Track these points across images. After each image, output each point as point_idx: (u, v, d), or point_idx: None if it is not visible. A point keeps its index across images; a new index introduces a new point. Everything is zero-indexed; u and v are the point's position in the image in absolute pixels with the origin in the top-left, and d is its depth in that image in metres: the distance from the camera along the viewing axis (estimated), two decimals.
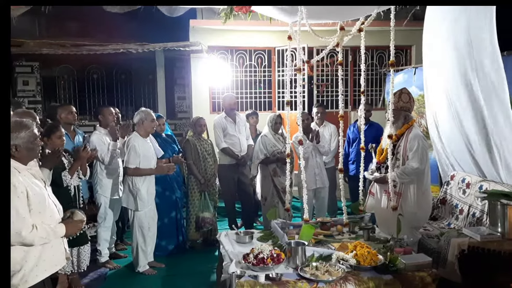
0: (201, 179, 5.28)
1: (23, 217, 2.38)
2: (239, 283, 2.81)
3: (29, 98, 9.05)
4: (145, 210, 4.62)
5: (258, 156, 5.32)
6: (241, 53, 8.28)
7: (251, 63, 8.32)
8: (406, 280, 2.92)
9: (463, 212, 4.45)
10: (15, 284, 2.45)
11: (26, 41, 8.21)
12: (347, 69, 8.33)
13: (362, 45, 4.17)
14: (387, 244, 3.36)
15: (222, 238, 3.76)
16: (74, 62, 9.28)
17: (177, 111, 9.99)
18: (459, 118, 4.42)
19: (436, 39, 4.68)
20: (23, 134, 2.50)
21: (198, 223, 5.24)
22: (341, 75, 4.39)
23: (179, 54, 8.36)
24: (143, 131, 4.65)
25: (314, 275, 2.89)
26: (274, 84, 8.29)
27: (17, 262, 2.44)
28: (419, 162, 3.82)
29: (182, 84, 9.94)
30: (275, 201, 5.28)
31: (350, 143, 6.05)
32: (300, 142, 4.04)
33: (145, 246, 4.68)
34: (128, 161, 4.52)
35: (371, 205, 4.25)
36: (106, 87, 9.60)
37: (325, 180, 5.49)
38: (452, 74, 4.37)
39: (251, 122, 6.16)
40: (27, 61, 8.93)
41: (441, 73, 4.62)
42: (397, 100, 3.96)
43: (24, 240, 2.39)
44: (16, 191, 2.38)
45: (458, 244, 3.58)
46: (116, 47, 7.85)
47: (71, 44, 8.12)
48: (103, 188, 4.80)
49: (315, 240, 3.59)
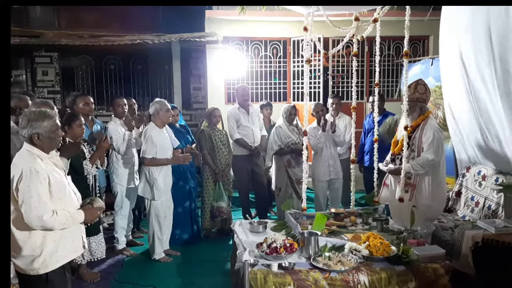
0: (215, 169, 5.33)
1: (45, 202, 2.47)
2: (252, 272, 2.86)
3: (48, 88, 9.23)
4: (162, 200, 4.69)
5: (272, 147, 5.34)
6: (256, 44, 8.27)
7: (267, 54, 8.31)
8: (419, 271, 2.93)
9: (479, 204, 4.41)
10: (36, 268, 2.55)
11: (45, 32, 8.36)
12: (363, 60, 8.26)
13: (377, 36, 4.15)
14: (400, 235, 3.37)
15: (236, 228, 3.81)
16: (92, 53, 9.42)
17: (192, 102, 10.05)
18: (477, 110, 4.36)
19: (454, 29, 4.62)
20: (46, 124, 2.57)
21: (212, 212, 5.31)
22: (355, 67, 4.38)
23: (195, 44, 8.40)
24: (159, 121, 4.71)
25: (327, 265, 2.93)
26: (289, 74, 8.28)
27: (38, 247, 2.54)
28: (434, 154, 3.79)
29: (198, 75, 9.99)
30: (289, 192, 5.31)
31: (366, 134, 6.02)
32: (305, 133, 4.08)
33: (161, 234, 4.77)
34: (145, 151, 4.59)
35: (385, 197, 4.25)
36: (123, 78, 9.70)
37: (339, 171, 5.49)
38: (470, 65, 4.31)
39: (265, 114, 6.17)
40: (46, 51, 9.09)
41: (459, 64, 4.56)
42: (413, 91, 3.93)
43: (45, 225, 2.48)
44: (39, 176, 2.47)
45: (472, 236, 3.57)
46: (132, 37, 7.92)
47: (89, 35, 8.22)
48: (119, 177, 4.89)
49: (328, 231, 3.61)
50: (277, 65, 8.35)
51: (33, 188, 2.44)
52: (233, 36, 8.08)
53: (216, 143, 5.38)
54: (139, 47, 8.38)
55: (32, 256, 2.53)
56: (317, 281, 2.81)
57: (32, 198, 2.43)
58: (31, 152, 2.56)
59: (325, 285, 2.81)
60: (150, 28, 8.60)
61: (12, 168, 2.51)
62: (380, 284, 2.86)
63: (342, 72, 8.23)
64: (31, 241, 2.53)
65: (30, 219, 2.44)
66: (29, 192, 2.43)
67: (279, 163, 5.40)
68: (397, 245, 3.14)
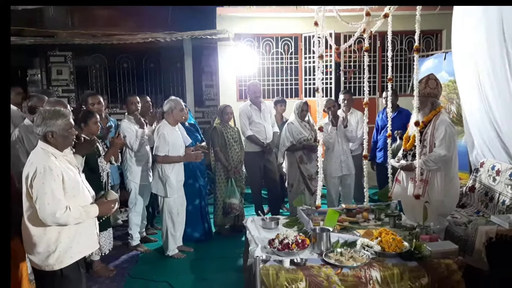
0: (227, 166, 5.36)
1: (58, 199, 2.51)
2: (264, 268, 2.88)
3: (63, 87, 9.34)
4: (174, 197, 4.74)
5: (284, 143, 5.35)
6: (267, 40, 8.26)
7: (278, 50, 8.29)
8: (432, 267, 2.92)
9: (493, 200, 4.37)
10: (51, 264, 2.60)
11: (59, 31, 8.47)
12: (375, 55, 8.20)
13: (389, 31, 4.12)
14: (413, 231, 3.35)
15: (248, 224, 3.84)
16: (105, 52, 9.50)
17: (204, 99, 10.09)
18: (490, 104, 4.32)
19: (466, 23, 4.56)
20: (60, 122, 2.62)
21: (225, 209, 5.34)
22: (367, 62, 4.36)
23: (206, 42, 8.41)
24: (172, 119, 4.76)
25: (339, 261, 2.93)
26: (300, 71, 8.25)
27: (52, 243, 2.59)
28: (446, 150, 3.76)
29: (210, 72, 10.02)
30: (301, 188, 5.32)
31: (379, 130, 5.98)
32: (320, 129, 4.06)
33: (174, 231, 4.82)
34: (157, 149, 4.64)
35: (397, 193, 4.22)
36: (136, 76, 9.78)
37: (351, 167, 5.47)
38: (482, 59, 4.26)
39: (278, 110, 6.17)
40: (60, 51, 9.20)
41: (472, 58, 4.51)
42: (424, 86, 3.89)
43: (58, 221, 2.52)
44: (53, 174, 2.51)
45: (486, 231, 3.54)
46: (145, 36, 7.97)
47: (102, 34, 8.29)
48: (133, 174, 4.95)
49: (340, 227, 3.62)
50: (288, 62, 8.33)
51: (47, 185, 2.48)
52: (245, 33, 8.07)
53: (228, 140, 5.41)
54: (151, 46, 8.43)
55: (47, 252, 2.59)
56: (329, 277, 2.82)
57: (45, 195, 2.48)
58: (45, 150, 2.61)
59: (337, 281, 2.81)
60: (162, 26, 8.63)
61: (27, 166, 2.57)
62: (393, 280, 2.85)
63: (354, 67, 8.18)
64: (46, 237, 2.58)
65: (44, 215, 2.49)
66: (43, 189, 2.48)
67: (291, 159, 5.40)
68: (410, 241, 3.12)
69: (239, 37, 8.03)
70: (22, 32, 8.13)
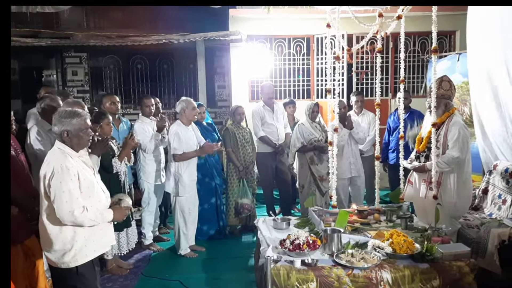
0: (239, 166, 5.40)
1: (76, 198, 2.57)
2: (275, 268, 2.90)
3: (78, 88, 9.50)
4: (186, 196, 4.79)
5: (295, 144, 5.36)
6: (279, 42, 8.28)
7: (290, 51, 8.30)
8: (443, 269, 2.91)
9: (506, 202, 4.32)
10: (67, 262, 2.65)
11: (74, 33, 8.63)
12: (387, 56, 8.16)
13: (402, 32, 4.11)
14: (424, 233, 3.35)
15: (260, 224, 3.86)
16: (119, 53, 9.64)
17: (217, 100, 10.16)
18: (503, 106, 4.28)
19: (481, 24, 4.52)
20: (75, 121, 2.67)
21: (237, 209, 5.37)
22: (379, 63, 4.36)
23: (219, 43, 8.48)
24: (185, 119, 4.81)
25: (350, 262, 2.93)
26: (312, 72, 8.26)
27: (68, 242, 2.64)
28: (459, 151, 3.73)
29: (222, 73, 10.09)
30: (312, 189, 5.32)
31: (391, 132, 5.95)
32: (336, 130, 4.06)
33: (187, 230, 4.87)
34: (175, 148, 4.68)
35: (410, 194, 4.21)
36: (149, 77, 9.89)
37: (360, 169, 5.46)
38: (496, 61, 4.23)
39: (288, 111, 6.19)
40: (75, 52, 9.36)
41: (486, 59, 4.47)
42: (438, 88, 3.87)
43: (76, 220, 2.57)
44: (70, 173, 2.57)
45: (499, 234, 3.52)
46: (158, 37, 8.06)
47: (116, 36, 8.41)
48: (146, 174, 5.01)
49: (351, 228, 3.62)
50: (300, 63, 8.33)
51: (64, 184, 2.53)
52: (257, 34, 8.10)
53: (240, 141, 5.44)
54: (165, 47, 8.52)
55: (63, 250, 2.64)
56: (340, 277, 2.84)
57: (63, 193, 2.53)
58: (62, 150, 2.66)
59: (348, 282, 2.83)
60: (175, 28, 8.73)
61: (44, 165, 2.62)
62: (404, 282, 2.85)
63: (366, 68, 8.15)
64: (62, 236, 2.63)
65: (62, 214, 2.54)
66: (60, 188, 2.53)
67: (302, 160, 5.41)
68: (421, 242, 3.11)
69: (251, 38, 8.06)
70: (39, 34, 8.29)
